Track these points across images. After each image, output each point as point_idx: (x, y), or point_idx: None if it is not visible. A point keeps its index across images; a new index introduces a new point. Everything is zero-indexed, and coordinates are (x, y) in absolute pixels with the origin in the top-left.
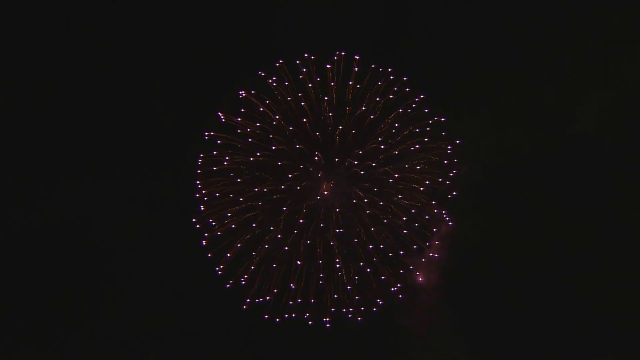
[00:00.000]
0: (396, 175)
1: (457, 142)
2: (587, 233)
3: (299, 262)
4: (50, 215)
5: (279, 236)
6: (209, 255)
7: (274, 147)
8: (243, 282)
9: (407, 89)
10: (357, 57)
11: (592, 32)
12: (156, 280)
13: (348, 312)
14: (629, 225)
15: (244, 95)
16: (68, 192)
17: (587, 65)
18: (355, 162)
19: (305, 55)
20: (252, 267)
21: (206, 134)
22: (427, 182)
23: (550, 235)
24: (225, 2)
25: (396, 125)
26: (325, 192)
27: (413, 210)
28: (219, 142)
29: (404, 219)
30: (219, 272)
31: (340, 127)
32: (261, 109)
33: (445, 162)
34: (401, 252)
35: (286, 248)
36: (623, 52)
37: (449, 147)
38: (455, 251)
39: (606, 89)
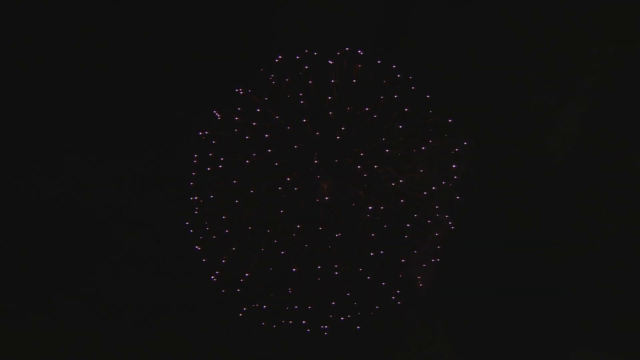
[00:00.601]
0: (401, 181)
1: (465, 143)
2: (587, 233)
3: (295, 268)
4: (49, 214)
5: (275, 241)
6: (204, 260)
7: (269, 151)
8: (238, 290)
9: (413, 88)
10: (360, 52)
11: (592, 32)
12: (156, 280)
13: (346, 318)
14: (629, 225)
15: (241, 93)
16: (68, 192)
17: (587, 66)
18: (358, 167)
19: (306, 50)
20: (247, 274)
21: (201, 133)
22: (432, 188)
23: (550, 235)
24: (225, 2)
25: (399, 126)
26: (325, 195)
27: (415, 215)
28: (213, 142)
29: (407, 225)
30: (214, 279)
31: (343, 128)
32: (258, 110)
33: (451, 165)
34: (402, 260)
35: (282, 252)
36: (623, 52)
37: (455, 149)
38: (455, 252)
39: (605, 90)
